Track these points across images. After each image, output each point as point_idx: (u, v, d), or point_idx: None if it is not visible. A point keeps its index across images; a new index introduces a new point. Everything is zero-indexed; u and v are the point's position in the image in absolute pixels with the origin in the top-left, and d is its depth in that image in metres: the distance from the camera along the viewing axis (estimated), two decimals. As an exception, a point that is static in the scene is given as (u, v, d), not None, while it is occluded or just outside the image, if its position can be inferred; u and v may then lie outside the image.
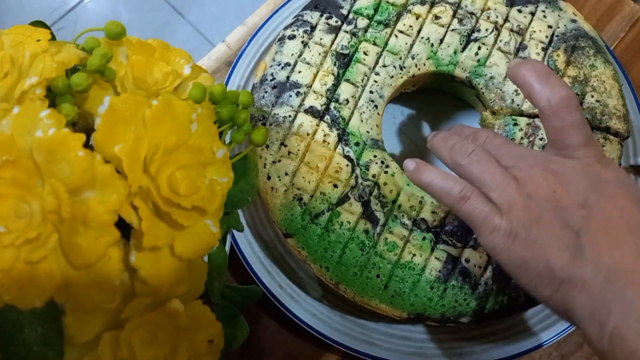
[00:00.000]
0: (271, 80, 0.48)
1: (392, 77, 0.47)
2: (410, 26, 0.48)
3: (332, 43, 0.48)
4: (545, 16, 0.49)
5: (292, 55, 0.48)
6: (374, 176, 0.45)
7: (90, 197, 0.27)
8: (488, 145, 0.37)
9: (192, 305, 0.31)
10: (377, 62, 0.48)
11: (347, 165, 0.45)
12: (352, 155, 0.45)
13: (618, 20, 0.59)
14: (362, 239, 0.43)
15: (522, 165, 0.35)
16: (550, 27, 0.49)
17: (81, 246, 0.26)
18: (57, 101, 0.29)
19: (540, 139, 0.45)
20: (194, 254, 0.30)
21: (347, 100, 0.46)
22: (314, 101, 0.46)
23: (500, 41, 0.48)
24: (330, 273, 0.43)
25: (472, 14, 0.49)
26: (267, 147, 0.45)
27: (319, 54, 0.48)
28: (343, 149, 0.45)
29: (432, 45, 0.48)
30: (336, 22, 0.49)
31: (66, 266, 0.27)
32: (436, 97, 0.54)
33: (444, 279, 0.43)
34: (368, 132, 0.46)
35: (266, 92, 0.47)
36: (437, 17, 0.48)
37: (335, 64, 0.47)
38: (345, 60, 0.48)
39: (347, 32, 0.48)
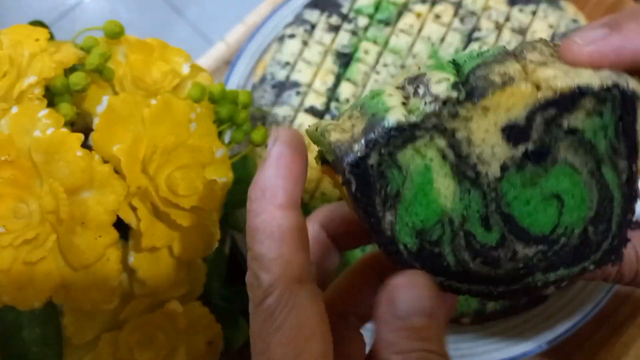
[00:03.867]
0: (271, 79, 0.48)
1: (393, 76, 0.47)
2: (411, 25, 0.48)
3: (333, 42, 0.48)
4: (546, 16, 0.49)
5: (292, 54, 0.48)
6: (374, 176, 0.44)
7: (88, 197, 0.26)
8: None
9: (191, 307, 0.31)
10: (377, 62, 0.47)
11: (347, 165, 0.44)
12: (352, 154, 0.45)
13: (619, 19, 0.59)
14: (362, 239, 0.43)
15: None
16: (551, 26, 0.48)
17: (79, 247, 0.26)
18: (55, 101, 0.29)
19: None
20: (193, 255, 0.30)
21: (348, 100, 0.46)
22: (314, 100, 0.46)
23: (502, 41, 0.48)
24: (331, 273, 0.43)
25: (473, 13, 0.48)
26: (267, 147, 0.45)
27: (319, 53, 0.48)
28: (343, 149, 0.45)
29: (433, 44, 0.48)
30: (336, 21, 0.49)
31: (65, 267, 0.27)
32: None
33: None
34: (368, 131, 0.46)
35: (266, 91, 0.47)
36: (438, 16, 0.48)
37: (335, 63, 0.47)
38: (345, 59, 0.47)
39: (347, 31, 0.48)
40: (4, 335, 0.29)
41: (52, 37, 0.32)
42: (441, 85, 0.18)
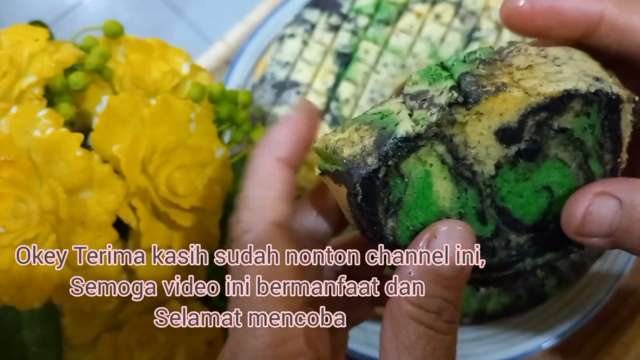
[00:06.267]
0: (271, 79, 0.48)
1: (393, 76, 0.47)
2: (411, 25, 0.48)
3: (333, 42, 0.48)
4: (546, 15, 0.49)
5: (292, 54, 0.48)
6: (374, 176, 0.44)
7: (88, 197, 0.26)
8: None
9: (191, 307, 0.31)
10: (377, 61, 0.47)
11: (347, 164, 0.44)
12: (352, 154, 0.45)
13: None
14: (362, 239, 0.43)
15: None
16: (551, 26, 0.48)
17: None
18: (55, 101, 0.29)
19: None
20: (193, 255, 0.30)
21: (348, 100, 0.46)
22: (314, 100, 0.46)
23: (502, 41, 0.48)
24: (331, 273, 0.43)
25: (473, 13, 0.48)
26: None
27: (319, 53, 0.48)
28: (343, 149, 0.45)
29: (433, 44, 0.48)
30: (336, 20, 0.49)
31: (64, 267, 0.27)
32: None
33: (444, 279, 0.42)
34: (368, 131, 0.46)
35: (266, 91, 0.47)
36: (438, 16, 0.48)
37: (335, 63, 0.47)
38: (345, 59, 0.47)
39: (347, 30, 0.48)
40: (4, 335, 0.29)
41: (52, 37, 0.32)
42: (443, 96, 0.19)
